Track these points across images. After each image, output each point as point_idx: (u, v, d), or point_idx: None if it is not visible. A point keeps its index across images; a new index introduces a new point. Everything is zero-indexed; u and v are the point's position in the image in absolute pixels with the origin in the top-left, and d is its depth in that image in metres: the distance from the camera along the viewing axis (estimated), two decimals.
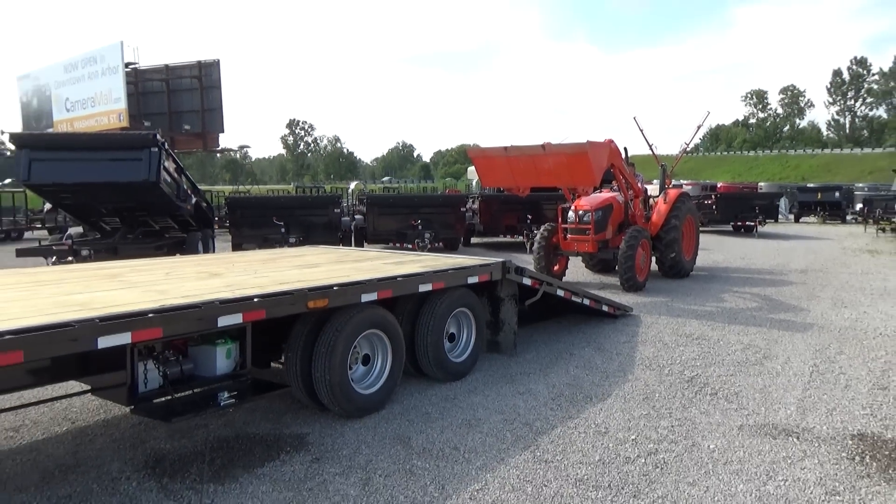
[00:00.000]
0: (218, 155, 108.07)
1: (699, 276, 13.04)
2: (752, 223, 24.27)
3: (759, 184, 47.31)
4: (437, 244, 16.82)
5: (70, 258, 12.62)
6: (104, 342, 3.55)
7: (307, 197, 21.31)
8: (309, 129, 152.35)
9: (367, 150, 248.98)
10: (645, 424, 5.14)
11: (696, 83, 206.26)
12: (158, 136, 13.33)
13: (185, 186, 15.02)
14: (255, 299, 4.36)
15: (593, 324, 8.66)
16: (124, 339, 3.64)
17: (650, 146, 13.08)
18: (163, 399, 4.15)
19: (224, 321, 4.17)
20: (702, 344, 7.71)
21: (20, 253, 13.70)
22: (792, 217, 35.09)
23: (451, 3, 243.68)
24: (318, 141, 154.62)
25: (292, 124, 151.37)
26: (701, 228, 25.60)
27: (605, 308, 8.65)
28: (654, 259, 12.02)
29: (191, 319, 3.98)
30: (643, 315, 9.23)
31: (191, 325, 4.01)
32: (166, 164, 13.49)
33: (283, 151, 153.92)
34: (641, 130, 13.02)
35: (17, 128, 42.02)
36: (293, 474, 4.27)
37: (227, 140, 76.15)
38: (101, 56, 37.83)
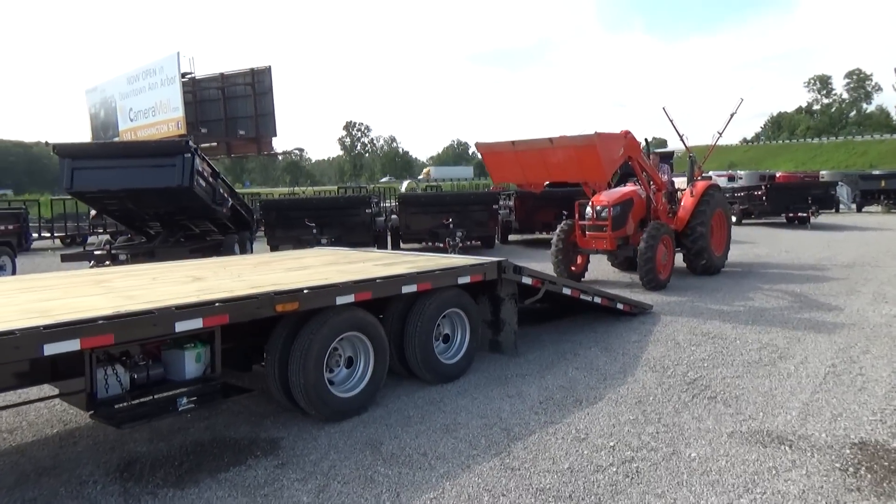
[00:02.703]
0: (279, 158, 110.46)
1: (733, 272, 12.51)
2: (805, 214, 23.19)
3: (821, 172, 45.19)
4: (469, 242, 16.68)
5: (107, 262, 13.06)
6: (51, 349, 3.60)
7: (339, 198, 21.50)
8: (365, 131, 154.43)
9: (423, 148, 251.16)
10: (629, 430, 4.93)
11: (757, 70, 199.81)
12: (191, 143, 13.70)
13: (222, 190, 15.37)
14: (217, 304, 4.37)
15: (608, 322, 8.41)
16: (73, 345, 3.68)
17: (681, 137, 12.61)
18: (124, 404, 4.19)
19: (182, 326, 4.18)
20: (716, 343, 7.37)
21: (65, 258, 14.28)
22: (854, 207, 33.41)
23: (506, 0, 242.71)
24: (375, 141, 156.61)
25: (349, 126, 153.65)
26: (751, 221, 24.86)
27: (619, 306, 8.38)
28: (682, 256, 11.60)
29: (145, 325, 4.00)
30: (662, 313, 8.91)
31: (146, 330, 4.04)
32: (200, 168, 13.83)
33: (341, 153, 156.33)
34: (671, 121, 12.63)
35: (88, 138, 43.93)
36: (254, 479, 4.26)
37: (284, 143, 77.96)
38: (160, 67, 39.06)
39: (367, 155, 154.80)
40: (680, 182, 12.82)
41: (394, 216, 18.63)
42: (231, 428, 5.18)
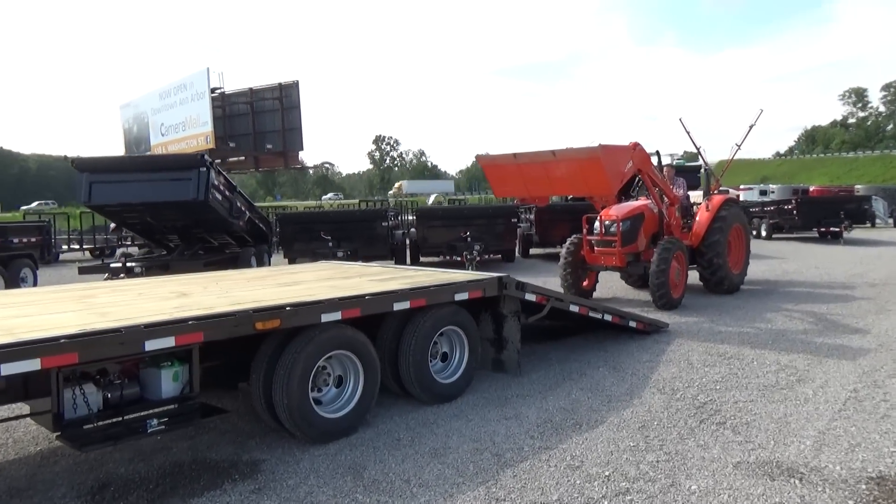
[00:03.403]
0: (310, 171, 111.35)
1: (756, 289, 12.05)
2: (838, 229, 22.45)
3: (856, 186, 43.98)
4: (488, 256, 16.42)
5: (122, 275, 13.11)
6: (8, 369, 3.47)
7: (356, 211, 21.42)
8: (394, 144, 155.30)
9: (452, 162, 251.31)
10: (627, 458, 4.63)
11: (790, 83, 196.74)
12: (206, 157, 13.75)
13: (239, 203, 15.40)
14: (190, 322, 4.20)
15: (620, 340, 8.09)
16: (32, 365, 3.54)
17: (698, 149, 12.25)
18: (93, 425, 4.04)
19: (153, 345, 4.02)
20: (731, 364, 7.01)
21: (82, 270, 14.41)
22: (891, 221, 32.36)
23: (537, 14, 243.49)
24: (404, 155, 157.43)
25: (378, 140, 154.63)
26: (782, 235, 24.15)
27: (632, 324, 8.07)
28: (697, 273, 11.16)
29: (111, 344, 3.85)
30: (678, 333, 8.55)
31: (113, 349, 3.88)
32: (216, 182, 13.87)
33: (371, 166, 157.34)
34: (688, 133, 12.20)
35: (121, 153, 44.76)
36: None
37: (315, 157, 78.82)
38: (191, 83, 39.66)
39: (396, 169, 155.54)
40: (696, 196, 12.39)
41: (412, 229, 18.48)
42: (214, 448, 5.01)
